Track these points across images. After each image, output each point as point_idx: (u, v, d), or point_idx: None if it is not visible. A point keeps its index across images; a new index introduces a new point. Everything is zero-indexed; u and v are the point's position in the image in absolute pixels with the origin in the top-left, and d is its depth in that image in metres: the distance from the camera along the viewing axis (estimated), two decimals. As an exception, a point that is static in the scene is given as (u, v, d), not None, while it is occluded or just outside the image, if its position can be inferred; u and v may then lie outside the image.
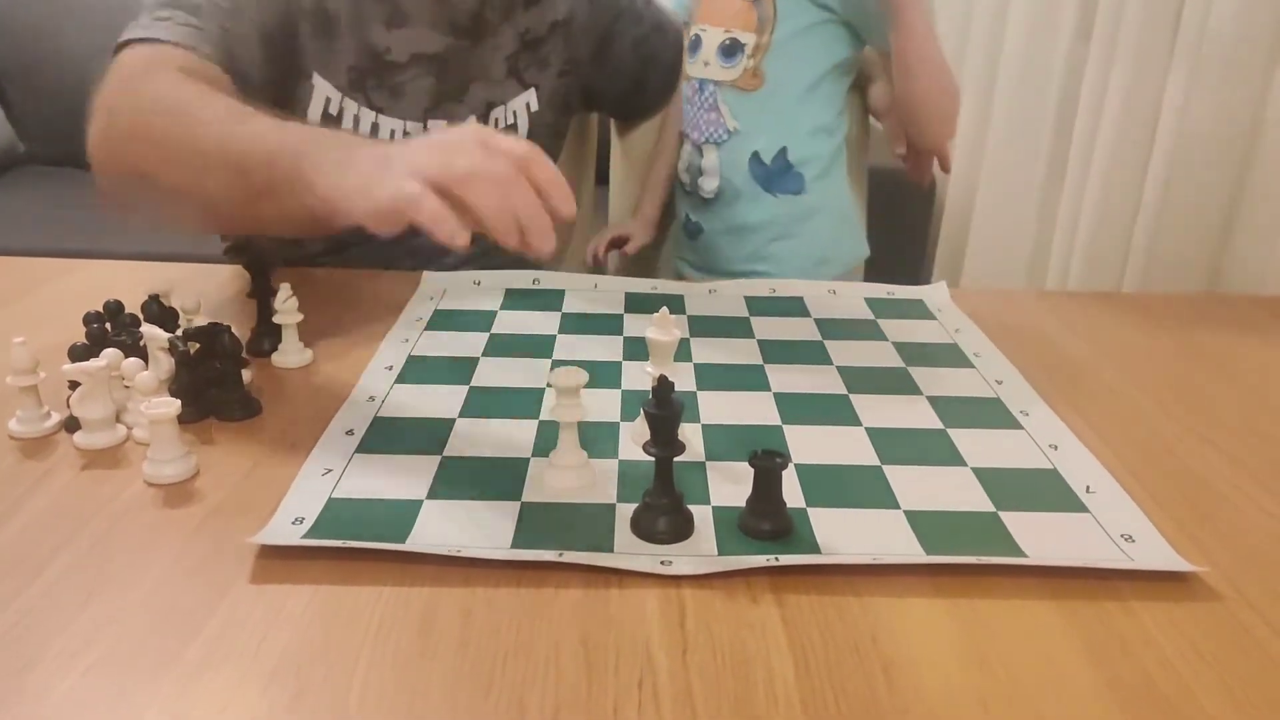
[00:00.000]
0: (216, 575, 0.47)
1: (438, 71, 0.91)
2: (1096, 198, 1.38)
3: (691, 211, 1.15)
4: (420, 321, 0.80)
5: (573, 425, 0.55)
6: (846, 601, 0.47)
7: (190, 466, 0.55)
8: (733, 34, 1.04)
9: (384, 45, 0.88)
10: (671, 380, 0.51)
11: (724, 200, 1.09)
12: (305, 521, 0.51)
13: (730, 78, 1.06)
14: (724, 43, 1.05)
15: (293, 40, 0.84)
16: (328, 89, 0.87)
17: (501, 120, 0.97)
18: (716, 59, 1.06)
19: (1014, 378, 0.71)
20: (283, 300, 0.68)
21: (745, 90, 1.05)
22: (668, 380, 0.51)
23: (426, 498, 0.54)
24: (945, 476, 0.58)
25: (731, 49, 1.05)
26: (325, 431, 0.61)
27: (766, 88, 1.05)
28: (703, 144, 1.08)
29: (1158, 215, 1.30)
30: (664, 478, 0.51)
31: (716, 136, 1.07)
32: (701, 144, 1.08)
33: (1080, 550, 0.50)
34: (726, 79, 1.06)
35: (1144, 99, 1.33)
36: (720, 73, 1.06)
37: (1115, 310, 0.89)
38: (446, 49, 0.90)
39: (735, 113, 1.06)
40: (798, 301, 0.87)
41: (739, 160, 1.07)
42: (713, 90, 1.07)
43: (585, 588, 0.47)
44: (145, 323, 0.64)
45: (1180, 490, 0.57)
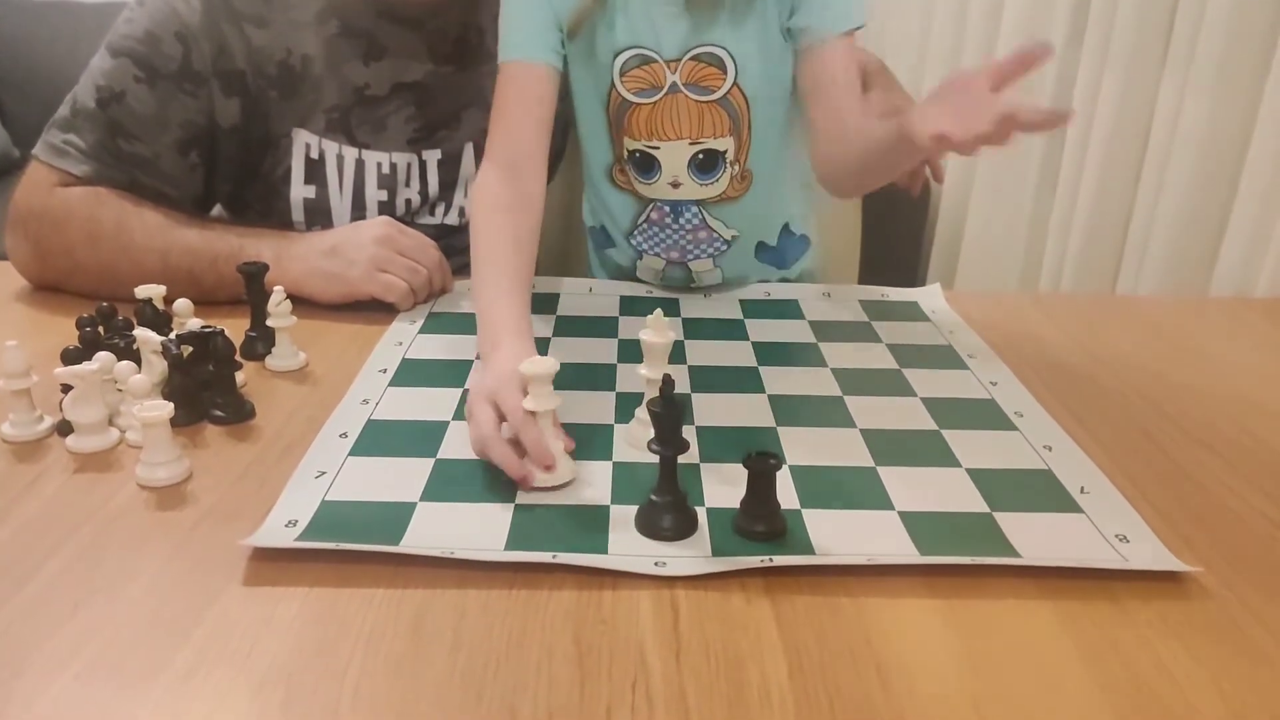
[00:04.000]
0: (208, 579, 0.47)
1: (419, 100, 0.90)
2: (1089, 202, 1.39)
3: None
4: (414, 325, 0.80)
5: (548, 414, 0.55)
6: (840, 602, 0.46)
7: (183, 469, 0.54)
8: (704, 144, 0.81)
9: (363, 81, 0.88)
10: (673, 380, 0.51)
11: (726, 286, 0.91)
12: (298, 524, 0.51)
13: (714, 194, 0.84)
14: (696, 158, 0.82)
15: (259, 109, 0.85)
16: (307, 136, 0.87)
17: None
18: (691, 177, 0.83)
19: (1008, 379, 0.72)
20: (276, 304, 0.68)
21: (734, 198, 0.85)
22: (672, 380, 0.51)
23: (420, 500, 0.54)
24: (939, 478, 0.58)
25: (708, 163, 0.82)
26: (319, 434, 0.61)
27: (756, 183, 0.84)
28: (690, 261, 0.88)
29: (1150, 219, 1.30)
30: (668, 476, 0.51)
31: (712, 251, 0.87)
32: (688, 261, 0.88)
33: (1074, 550, 0.50)
34: (710, 196, 0.84)
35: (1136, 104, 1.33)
36: (699, 191, 0.84)
37: (1109, 313, 0.89)
38: (428, 76, 0.90)
39: (730, 223, 0.86)
40: (793, 304, 0.87)
41: (744, 260, 0.89)
42: (696, 211, 0.85)
43: (579, 589, 0.47)
44: (138, 326, 0.64)
45: (1174, 491, 0.57)
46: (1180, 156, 1.26)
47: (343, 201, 0.89)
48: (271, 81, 0.84)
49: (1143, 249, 1.31)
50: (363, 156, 0.89)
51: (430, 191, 0.93)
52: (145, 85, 0.80)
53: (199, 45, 0.81)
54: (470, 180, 0.95)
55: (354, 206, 0.89)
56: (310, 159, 0.87)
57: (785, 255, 0.92)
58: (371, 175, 0.89)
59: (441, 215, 0.95)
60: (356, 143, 0.88)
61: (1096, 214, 1.38)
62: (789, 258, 0.92)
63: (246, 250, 0.80)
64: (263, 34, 0.83)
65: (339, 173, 0.88)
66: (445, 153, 0.93)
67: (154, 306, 0.67)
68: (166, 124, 0.81)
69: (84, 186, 0.81)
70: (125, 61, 0.80)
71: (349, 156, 0.88)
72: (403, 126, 0.90)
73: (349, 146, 0.88)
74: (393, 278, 0.80)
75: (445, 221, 0.95)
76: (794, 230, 0.91)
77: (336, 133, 0.87)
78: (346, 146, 0.88)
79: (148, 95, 0.81)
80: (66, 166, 0.81)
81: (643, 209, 0.87)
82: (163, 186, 0.83)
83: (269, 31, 0.84)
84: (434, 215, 0.94)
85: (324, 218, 0.89)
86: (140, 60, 0.80)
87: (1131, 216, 1.36)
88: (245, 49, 0.83)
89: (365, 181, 0.89)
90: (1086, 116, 1.40)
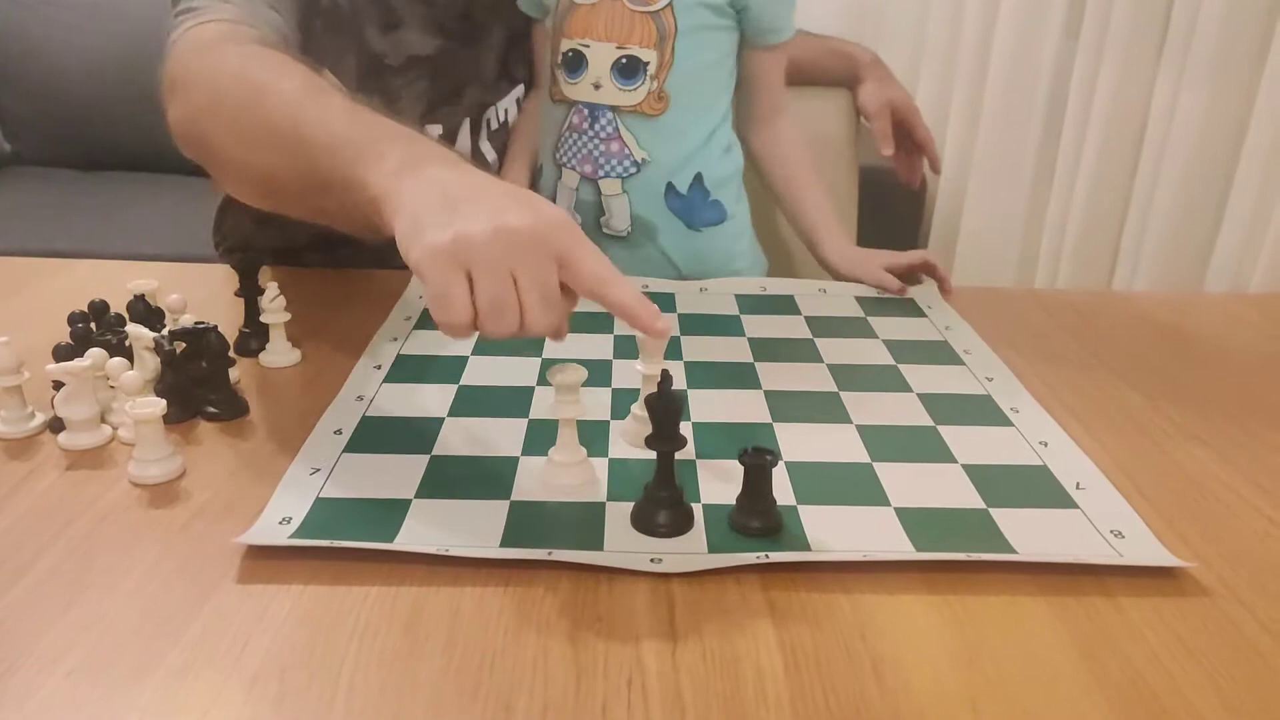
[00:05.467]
0: (201, 576, 0.47)
1: (431, 74, 0.90)
2: (1086, 195, 1.39)
3: None
4: (409, 320, 0.79)
5: (572, 422, 0.55)
6: (836, 599, 0.46)
7: (176, 467, 0.54)
8: (629, 51, 0.87)
9: (380, 49, 0.87)
10: (670, 375, 0.50)
11: (639, 238, 0.93)
12: (292, 522, 0.51)
13: (631, 102, 0.88)
14: (619, 61, 0.87)
15: (309, 29, 0.81)
16: None
17: (494, 120, 0.97)
18: (612, 80, 0.88)
19: (1004, 375, 0.71)
20: (270, 299, 0.68)
21: (650, 115, 0.89)
22: (669, 375, 0.50)
23: (415, 497, 0.54)
24: (936, 474, 0.57)
25: (630, 69, 0.87)
26: (313, 431, 0.60)
27: (672, 110, 0.89)
28: (600, 178, 0.91)
29: (1146, 213, 1.30)
30: (665, 472, 0.51)
31: (621, 170, 0.90)
32: (599, 178, 0.91)
33: (1070, 546, 0.50)
34: (627, 104, 0.88)
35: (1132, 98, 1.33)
36: (618, 96, 0.88)
37: (1104, 308, 0.89)
38: (438, 51, 0.90)
39: (642, 142, 0.89)
40: (788, 300, 0.87)
41: (652, 194, 0.91)
42: (611, 118, 0.89)
43: (574, 585, 0.47)
44: (131, 322, 0.64)
45: (1169, 487, 0.57)
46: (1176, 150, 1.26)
47: None
48: (319, 9, 0.81)
49: (1138, 243, 1.32)
50: None
51: None
52: None
53: None
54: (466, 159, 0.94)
55: None
56: None
57: (694, 210, 0.92)
58: None
59: None
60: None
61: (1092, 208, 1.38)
62: (698, 216, 0.93)
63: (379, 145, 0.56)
64: None
65: None
66: (446, 129, 0.92)
67: (146, 302, 0.66)
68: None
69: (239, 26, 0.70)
70: None
71: None
72: (415, 101, 0.90)
73: None
74: (461, 296, 0.48)
75: None
76: (708, 188, 0.92)
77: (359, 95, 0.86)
78: None
79: None
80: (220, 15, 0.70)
81: (566, 115, 0.91)
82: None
83: None
84: None
85: None
86: None
87: (1127, 210, 1.36)
88: None
89: None
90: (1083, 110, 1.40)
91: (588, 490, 0.55)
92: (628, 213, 0.92)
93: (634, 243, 0.93)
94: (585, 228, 0.92)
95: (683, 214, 0.92)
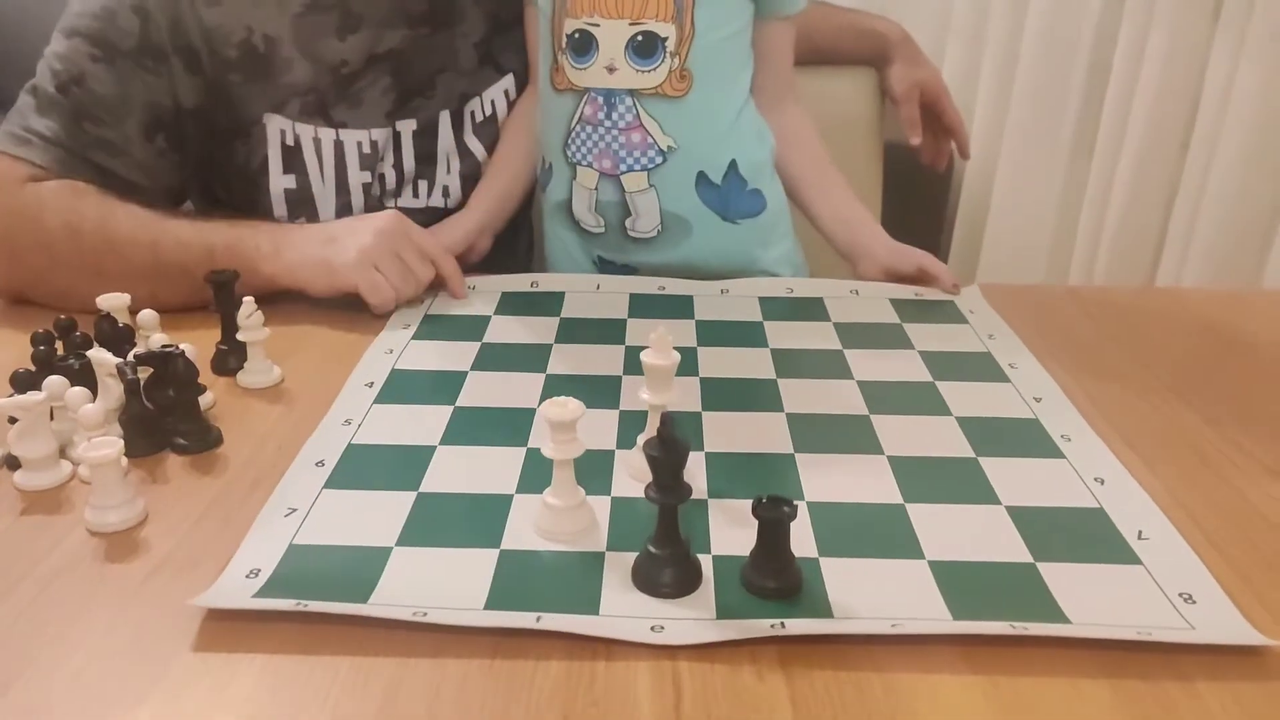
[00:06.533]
0: (156, 648, 0.42)
1: (395, 69, 0.84)
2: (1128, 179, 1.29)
3: (614, 254, 0.86)
4: (408, 329, 0.74)
5: (569, 463, 0.49)
6: (866, 678, 0.41)
7: (136, 512, 0.49)
8: (644, 26, 0.78)
9: (339, 58, 0.81)
10: (673, 418, 0.45)
11: (669, 239, 0.84)
12: (261, 574, 0.46)
13: (651, 84, 0.79)
14: (634, 39, 0.78)
15: (223, 93, 0.79)
16: (281, 123, 0.81)
17: (479, 112, 0.90)
18: (627, 61, 0.79)
19: (1054, 394, 0.65)
20: (246, 316, 0.63)
21: (672, 97, 0.80)
22: (671, 417, 0.45)
23: (396, 544, 0.49)
24: (976, 518, 0.52)
25: (647, 46, 0.78)
26: (292, 463, 0.55)
27: (697, 90, 0.80)
28: (622, 174, 0.82)
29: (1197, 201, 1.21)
30: (667, 526, 0.46)
31: (646, 161, 0.81)
32: (620, 174, 0.82)
33: (1132, 614, 0.44)
34: (646, 86, 0.79)
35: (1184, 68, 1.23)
36: (635, 79, 0.79)
37: (1153, 309, 0.82)
38: (404, 41, 0.84)
39: (667, 128, 0.81)
40: (817, 304, 0.80)
41: (682, 186, 0.82)
42: (631, 104, 0.80)
43: (568, 660, 0.42)
44: (96, 345, 0.59)
45: (1243, 533, 0.51)
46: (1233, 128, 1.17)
47: (325, 188, 0.83)
48: (231, 64, 0.78)
49: (1187, 234, 1.22)
50: (341, 137, 0.82)
51: (406, 167, 0.87)
52: (104, 64, 0.75)
53: (155, 18, 0.75)
54: (452, 155, 0.89)
55: (338, 192, 0.83)
56: (286, 146, 0.81)
57: (730, 201, 0.84)
58: (353, 156, 0.83)
59: (426, 195, 0.89)
60: (333, 123, 0.82)
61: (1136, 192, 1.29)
62: (734, 207, 0.84)
63: (245, 241, 0.73)
64: (215, 12, 0.77)
65: (318, 158, 0.82)
66: (421, 123, 0.86)
67: (113, 321, 0.61)
68: (130, 105, 0.76)
69: (55, 181, 0.75)
70: (81, 41, 0.75)
71: (326, 139, 0.82)
72: (380, 99, 0.84)
73: (325, 128, 0.82)
74: (380, 278, 0.74)
75: (431, 204, 0.89)
76: (743, 175, 0.84)
77: (312, 115, 0.81)
78: (323, 128, 0.82)
79: (107, 75, 0.75)
80: (31, 156, 0.75)
81: (577, 105, 0.82)
82: (133, 175, 0.77)
83: (222, 10, 0.77)
84: (416, 196, 0.88)
85: (307, 208, 0.83)
86: (97, 38, 0.74)
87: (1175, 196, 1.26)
88: (199, 27, 0.77)
89: (347, 164, 0.83)
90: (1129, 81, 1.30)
91: (585, 538, 0.49)
92: (657, 210, 0.83)
93: (663, 244, 0.84)
94: (609, 231, 0.85)
95: (718, 206, 0.84)
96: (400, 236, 0.75)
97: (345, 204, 0.84)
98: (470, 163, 0.90)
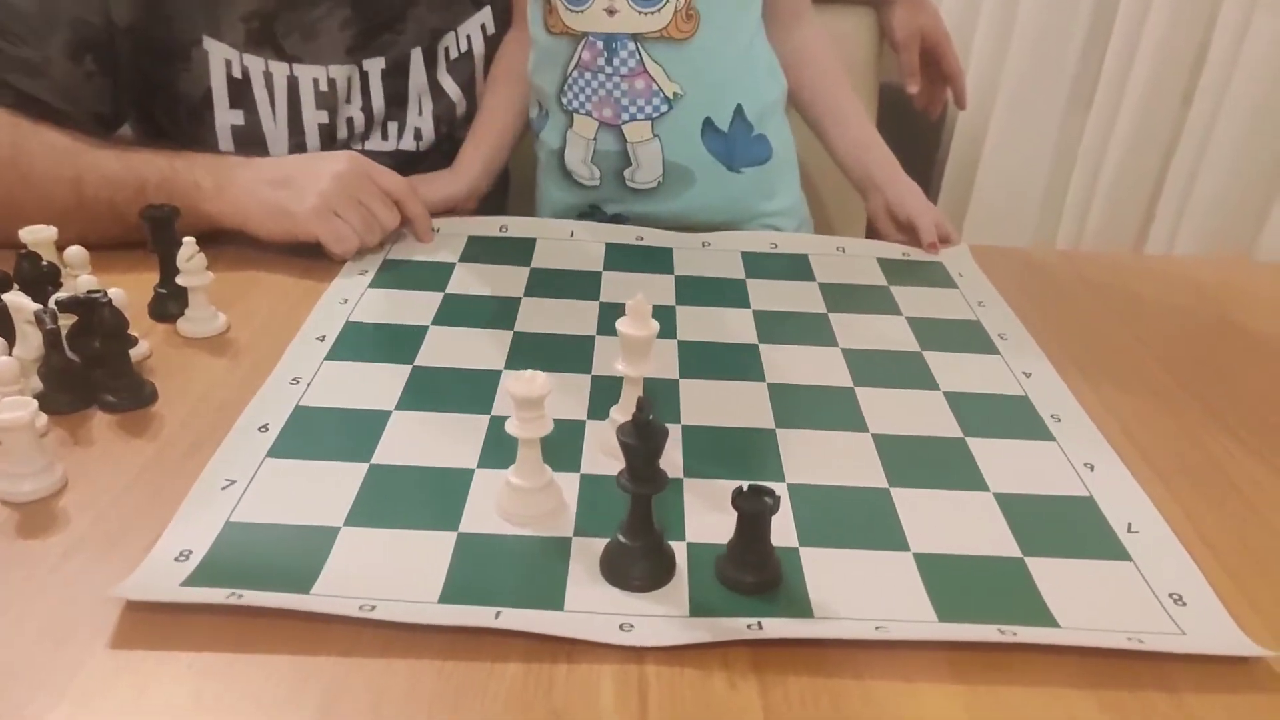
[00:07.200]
0: (69, 643, 0.38)
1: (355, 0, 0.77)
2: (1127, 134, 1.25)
3: (607, 203, 0.81)
4: (365, 275, 0.69)
5: (535, 442, 0.46)
6: (844, 686, 0.38)
7: (54, 481, 0.45)
8: None
9: None
10: (650, 401, 0.41)
11: (669, 190, 0.79)
12: (192, 557, 0.42)
13: (655, 27, 0.73)
14: None
15: (158, 8, 0.71)
16: (225, 51, 0.74)
17: (453, 49, 0.83)
18: (629, 2, 0.73)
19: (1044, 369, 0.62)
20: (186, 259, 0.57)
21: (678, 40, 0.74)
22: (648, 402, 0.41)
23: (344, 524, 0.45)
24: (964, 505, 0.49)
25: None
26: (233, 427, 0.51)
27: (704, 30, 0.74)
28: (624, 123, 0.77)
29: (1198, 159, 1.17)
30: (641, 516, 0.42)
31: (650, 110, 0.76)
32: (622, 123, 0.77)
33: (1121, 615, 0.42)
34: (650, 29, 0.74)
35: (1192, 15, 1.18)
36: (638, 21, 0.73)
37: (1155, 281, 0.79)
38: None
39: (673, 73, 0.75)
40: (801, 261, 0.76)
41: (687, 135, 0.77)
42: (634, 49, 0.74)
43: (526, 662, 0.38)
44: (15, 287, 0.53)
45: (1238, 530, 0.49)
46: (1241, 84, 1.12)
47: (277, 127, 0.76)
48: None
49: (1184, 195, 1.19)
50: (295, 72, 0.76)
51: (375, 109, 0.80)
52: None
53: None
54: (424, 95, 0.82)
55: (290, 132, 0.77)
56: (233, 79, 0.74)
57: (736, 148, 0.79)
58: (308, 94, 0.76)
59: (396, 138, 0.82)
60: (285, 56, 0.75)
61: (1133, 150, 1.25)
62: (740, 154, 0.79)
63: (180, 176, 0.68)
64: None
65: (269, 93, 0.75)
66: (390, 61, 0.80)
67: (35, 259, 0.55)
68: (54, 21, 0.68)
69: None
70: None
71: (278, 73, 0.75)
72: (338, 33, 0.77)
73: (277, 61, 0.75)
74: (343, 225, 0.69)
75: (401, 147, 0.83)
76: (750, 120, 0.79)
77: (260, 45, 0.74)
78: (274, 61, 0.75)
79: None
80: None
81: (573, 49, 0.76)
82: (56, 99, 0.69)
83: None
84: (386, 139, 0.82)
85: (257, 147, 0.77)
86: None
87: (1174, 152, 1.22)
88: None
89: (301, 102, 0.76)
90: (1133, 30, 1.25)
91: (551, 521, 0.46)
92: (659, 161, 0.78)
93: (662, 196, 0.79)
94: (606, 182, 0.79)
95: (723, 155, 0.79)
96: (361, 179, 0.70)
97: (299, 144, 0.77)
98: (444, 103, 0.83)
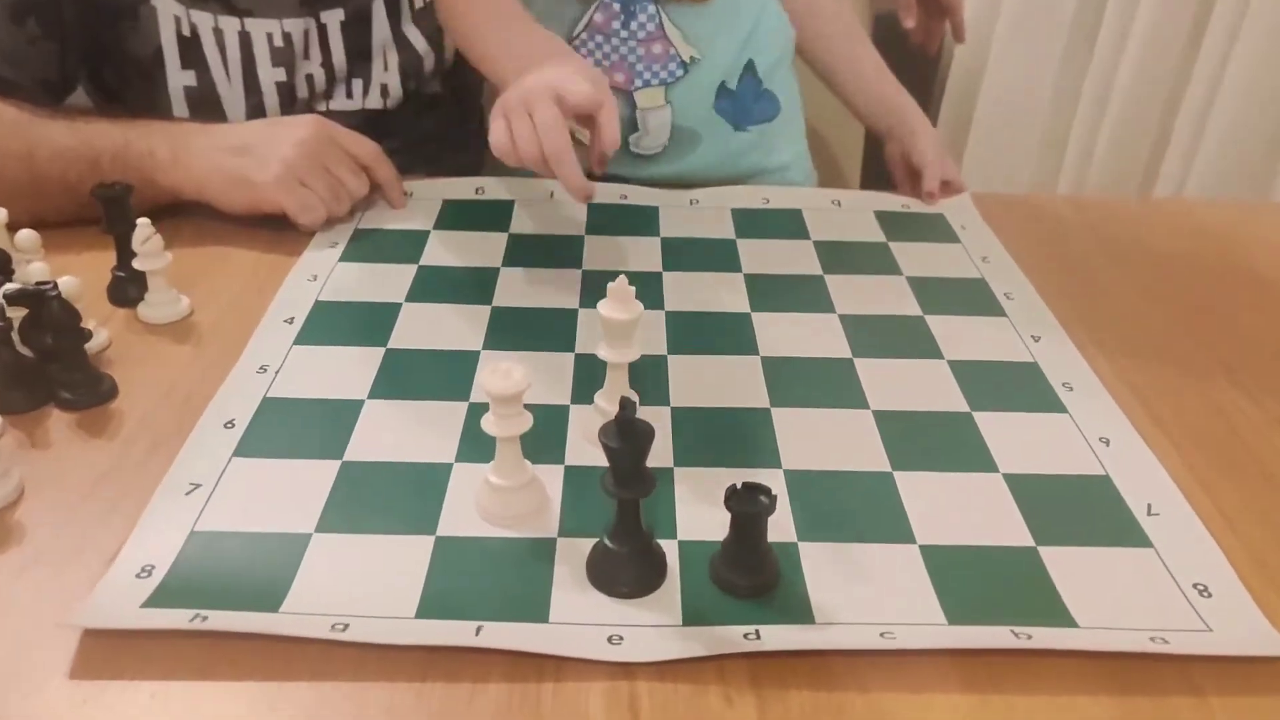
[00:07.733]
0: (22, 676, 0.36)
1: None
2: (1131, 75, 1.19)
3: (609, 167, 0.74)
4: (335, 248, 0.66)
5: (513, 439, 0.43)
6: (848, 700, 0.36)
7: (11, 489, 0.42)
8: None
9: None
10: (634, 402, 0.38)
11: (674, 153, 0.76)
12: (155, 572, 0.40)
13: None
14: None
15: None
16: (173, 7, 0.69)
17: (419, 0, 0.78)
18: None
19: (1053, 331, 0.59)
20: (142, 241, 0.54)
21: (699, 2, 0.71)
22: (632, 402, 0.38)
23: (315, 530, 0.42)
24: (972, 490, 0.46)
25: None
26: (197, 424, 0.48)
27: None
28: (637, 89, 0.73)
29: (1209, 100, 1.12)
30: (627, 519, 0.40)
31: (666, 75, 0.72)
32: (634, 89, 0.73)
33: (1143, 610, 0.40)
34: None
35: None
36: None
37: (1166, 229, 0.75)
38: None
39: (691, 37, 0.72)
40: (795, 216, 0.72)
41: (700, 99, 0.74)
42: (654, 12, 0.71)
43: (510, 682, 0.36)
44: (-43, 279, 0.50)
45: (1266, 511, 0.46)
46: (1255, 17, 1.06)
47: (232, 88, 0.72)
48: None
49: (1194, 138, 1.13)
50: (246, 27, 0.71)
51: (336, 64, 0.75)
52: None
53: None
54: (388, 47, 0.77)
55: (247, 92, 0.72)
56: (183, 37, 0.69)
57: (743, 108, 0.76)
58: (262, 50, 0.72)
59: (361, 96, 0.78)
60: (235, 10, 0.70)
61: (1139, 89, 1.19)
62: (747, 113, 0.76)
63: (135, 146, 0.64)
64: None
65: (220, 51, 0.71)
66: (350, 12, 0.74)
67: (-18, 247, 0.52)
68: None
69: None
70: None
71: (229, 29, 0.70)
72: None
73: (227, 16, 0.70)
74: (309, 194, 0.65)
75: (367, 105, 0.78)
76: (760, 76, 0.76)
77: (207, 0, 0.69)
78: (224, 16, 0.70)
79: None
80: None
81: (585, 11, 0.72)
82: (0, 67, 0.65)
83: None
84: (350, 97, 0.77)
85: (213, 110, 0.72)
86: None
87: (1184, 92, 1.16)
88: None
89: (255, 59, 0.72)
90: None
91: (534, 521, 0.43)
92: (668, 128, 0.74)
93: (666, 159, 0.76)
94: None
95: (731, 115, 0.76)
96: (326, 144, 0.66)
97: (257, 105, 0.73)
98: (410, 55, 0.78)
